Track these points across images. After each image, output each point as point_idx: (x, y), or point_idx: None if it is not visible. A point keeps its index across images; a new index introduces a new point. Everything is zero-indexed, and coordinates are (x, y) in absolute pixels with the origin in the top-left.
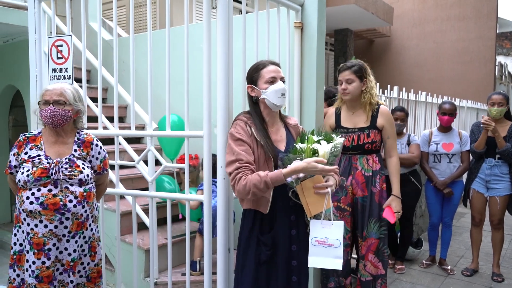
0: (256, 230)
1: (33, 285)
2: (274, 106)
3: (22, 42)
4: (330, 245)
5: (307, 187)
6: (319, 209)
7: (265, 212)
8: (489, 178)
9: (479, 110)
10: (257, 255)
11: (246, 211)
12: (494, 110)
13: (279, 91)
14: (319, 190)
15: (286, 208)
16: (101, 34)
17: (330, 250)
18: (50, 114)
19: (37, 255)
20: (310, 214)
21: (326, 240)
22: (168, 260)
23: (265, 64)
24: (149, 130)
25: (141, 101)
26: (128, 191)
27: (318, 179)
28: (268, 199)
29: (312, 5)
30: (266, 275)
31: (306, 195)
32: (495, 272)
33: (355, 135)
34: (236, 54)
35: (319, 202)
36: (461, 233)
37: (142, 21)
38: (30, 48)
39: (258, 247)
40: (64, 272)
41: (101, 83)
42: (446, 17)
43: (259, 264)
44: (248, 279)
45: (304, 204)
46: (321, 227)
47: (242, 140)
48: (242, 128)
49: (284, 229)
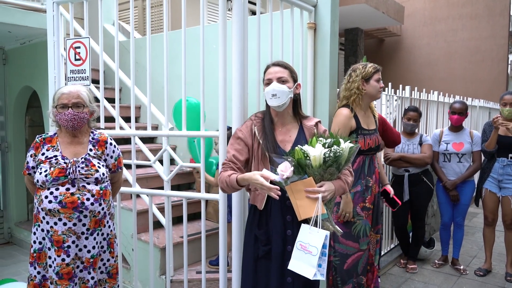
0: (255, 225)
1: (55, 281)
2: (272, 106)
3: (38, 44)
4: (309, 251)
5: (297, 190)
6: (309, 213)
7: (260, 208)
8: (502, 177)
9: (491, 110)
10: (255, 250)
11: (250, 206)
12: (507, 110)
13: (269, 92)
14: (309, 195)
15: (282, 208)
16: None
17: (308, 256)
18: (71, 118)
19: (57, 252)
20: (300, 217)
21: (307, 246)
22: (184, 258)
23: (269, 66)
24: (165, 130)
25: (155, 102)
26: (144, 190)
27: (309, 182)
28: (263, 196)
29: (325, 5)
30: (264, 270)
31: (296, 197)
32: (508, 272)
33: (375, 136)
34: (250, 54)
35: (310, 206)
36: (473, 233)
37: (156, 22)
38: (49, 50)
39: (256, 242)
40: (84, 270)
41: (118, 84)
42: (457, 15)
43: (257, 259)
44: (247, 273)
45: (294, 205)
46: (308, 232)
47: (240, 139)
48: (246, 126)
49: (278, 228)
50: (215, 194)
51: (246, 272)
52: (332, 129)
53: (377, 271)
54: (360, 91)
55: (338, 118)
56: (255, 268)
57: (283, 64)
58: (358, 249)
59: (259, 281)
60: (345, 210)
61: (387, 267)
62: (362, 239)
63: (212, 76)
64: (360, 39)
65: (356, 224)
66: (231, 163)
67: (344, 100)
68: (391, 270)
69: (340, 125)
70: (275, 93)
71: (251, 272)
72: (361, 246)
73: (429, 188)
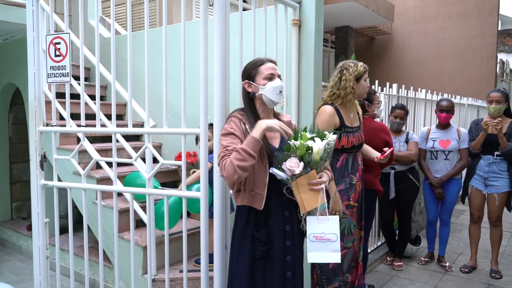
0: (251, 227)
1: None
2: (271, 103)
3: (21, 40)
4: (327, 239)
5: (302, 184)
6: (314, 205)
7: (259, 208)
8: (488, 175)
9: (479, 108)
10: (252, 252)
11: (240, 208)
12: (492, 107)
13: (277, 87)
14: (314, 187)
15: (280, 204)
16: (101, 31)
17: (327, 244)
18: None
19: None
20: (304, 210)
21: (323, 235)
22: (166, 257)
23: (264, 61)
24: (147, 128)
25: (140, 99)
26: (125, 189)
27: (312, 175)
28: (262, 195)
29: (310, 2)
30: (262, 271)
31: (301, 191)
32: (493, 269)
33: (358, 133)
34: (233, 51)
35: (313, 198)
36: (460, 230)
37: (142, 19)
38: (29, 46)
39: (253, 243)
40: None
41: (98, 80)
42: (447, 14)
43: (254, 261)
44: (243, 275)
45: (299, 200)
46: (317, 223)
47: (234, 135)
48: (236, 124)
49: (279, 225)
50: (197, 192)
51: (241, 274)
52: (316, 126)
53: (361, 268)
54: (354, 90)
55: (322, 116)
56: (252, 269)
57: (276, 62)
58: (343, 247)
59: (255, 283)
60: (334, 208)
61: (373, 264)
62: (347, 237)
63: (197, 73)
64: (350, 37)
65: (341, 223)
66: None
67: (329, 98)
68: (378, 267)
69: (324, 122)
70: (282, 89)
71: (247, 273)
72: (346, 244)
73: (415, 186)
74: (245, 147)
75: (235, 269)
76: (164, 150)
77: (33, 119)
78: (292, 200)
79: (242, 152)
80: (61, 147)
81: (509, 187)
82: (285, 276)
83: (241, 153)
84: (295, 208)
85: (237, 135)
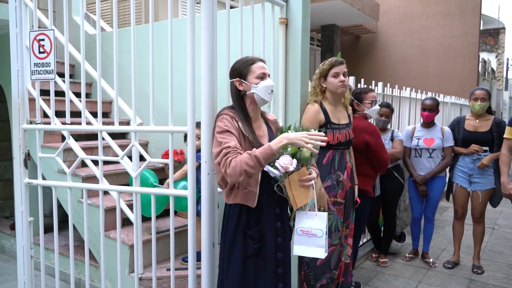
0: (242, 225)
1: None
2: (262, 102)
3: (4, 36)
4: (313, 235)
5: (294, 180)
6: (304, 201)
7: (253, 205)
8: (472, 172)
9: (462, 106)
10: (244, 249)
11: (231, 206)
12: (477, 105)
13: (269, 87)
14: (305, 183)
15: (272, 202)
16: (86, 28)
17: (313, 239)
18: None
19: None
20: (296, 206)
21: (310, 229)
22: (153, 255)
23: (255, 59)
24: (133, 125)
25: (126, 96)
26: (112, 187)
27: (303, 172)
28: (255, 193)
29: (296, 1)
30: (253, 268)
31: (293, 188)
32: (475, 265)
33: (346, 130)
34: (220, 49)
35: (304, 194)
36: (443, 226)
37: (128, 16)
38: (11, 42)
39: (245, 241)
40: None
41: (83, 78)
42: (431, 13)
43: (246, 258)
44: (234, 273)
45: (291, 197)
46: (306, 218)
47: (230, 132)
48: (229, 122)
49: (271, 222)
50: (184, 190)
51: (233, 272)
52: (302, 124)
53: (345, 266)
54: (321, 89)
55: (307, 113)
56: (243, 267)
57: (265, 61)
58: (330, 244)
59: (247, 280)
60: (319, 203)
61: (359, 261)
62: (334, 233)
63: (184, 71)
64: (336, 35)
65: (328, 219)
66: (237, 148)
67: (313, 96)
68: (363, 264)
69: (309, 119)
70: (273, 89)
71: (238, 271)
72: (333, 241)
73: (400, 183)
74: (260, 156)
75: (226, 267)
76: (151, 148)
77: (16, 117)
78: (282, 197)
79: (255, 160)
80: (45, 145)
81: (493, 184)
82: (276, 272)
83: (253, 159)
84: (285, 205)
85: (233, 133)
